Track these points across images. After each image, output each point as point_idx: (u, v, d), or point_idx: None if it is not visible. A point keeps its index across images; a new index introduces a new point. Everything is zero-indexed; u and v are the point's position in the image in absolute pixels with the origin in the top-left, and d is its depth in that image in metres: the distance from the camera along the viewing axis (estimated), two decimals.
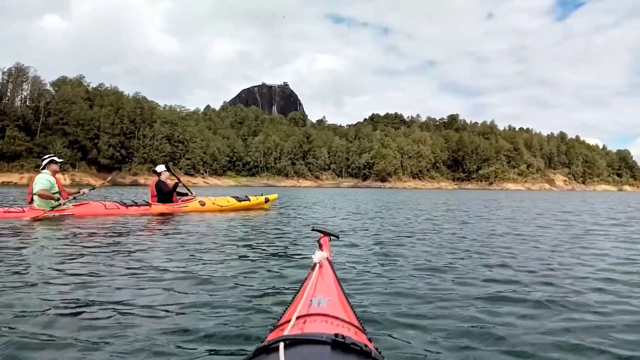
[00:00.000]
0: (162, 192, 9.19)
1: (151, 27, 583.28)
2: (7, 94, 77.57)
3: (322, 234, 1.96)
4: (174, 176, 9.59)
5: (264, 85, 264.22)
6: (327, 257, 1.58)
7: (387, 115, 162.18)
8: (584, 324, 2.31)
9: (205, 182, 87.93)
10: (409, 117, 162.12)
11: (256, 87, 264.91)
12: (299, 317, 1.06)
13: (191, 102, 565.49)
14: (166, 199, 9.20)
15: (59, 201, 7.54)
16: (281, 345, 0.86)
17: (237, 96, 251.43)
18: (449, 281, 3.23)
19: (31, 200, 7.52)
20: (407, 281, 3.21)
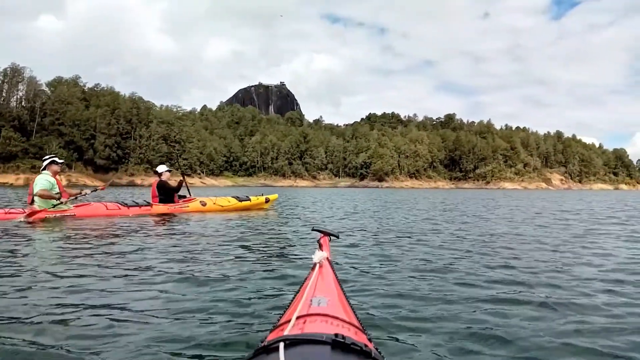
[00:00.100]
0: (166, 191, 9.20)
1: (147, 27, 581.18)
2: (3, 94, 77.22)
3: (322, 234, 1.95)
4: (180, 175, 9.62)
5: (261, 85, 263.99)
6: (327, 257, 1.57)
7: (384, 114, 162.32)
8: (594, 326, 2.23)
9: (202, 182, 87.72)
10: (405, 116, 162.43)
11: (253, 87, 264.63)
12: (299, 317, 1.06)
13: (188, 102, 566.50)
14: (167, 199, 9.20)
15: (60, 200, 7.47)
16: (281, 345, 0.86)
17: (234, 96, 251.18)
18: (450, 282, 3.17)
19: (32, 201, 7.44)
20: (408, 282, 3.16)
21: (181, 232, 5.93)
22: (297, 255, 4.34)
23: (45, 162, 7.65)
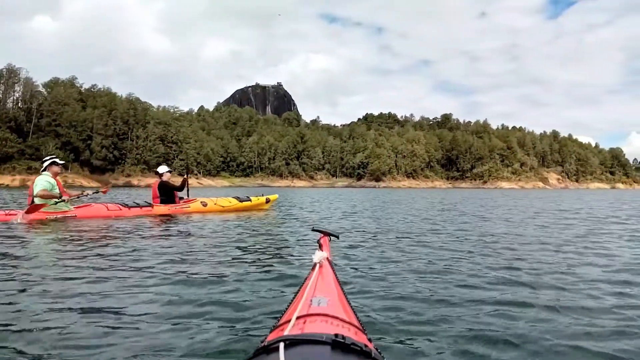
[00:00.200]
0: (167, 192, 9.17)
1: (144, 26, 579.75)
2: None
3: (322, 234, 1.94)
4: (184, 175, 9.66)
5: (258, 85, 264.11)
6: (327, 257, 1.57)
7: (381, 114, 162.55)
8: (604, 329, 2.16)
9: (199, 182, 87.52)
10: (402, 116, 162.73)
11: (250, 87, 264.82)
12: (299, 317, 1.06)
13: (185, 103, 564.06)
14: (168, 200, 9.16)
15: (61, 198, 7.42)
16: (281, 345, 0.86)
17: (231, 97, 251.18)
18: (452, 283, 3.10)
19: (32, 202, 7.35)
20: (409, 283, 3.10)
21: (181, 234, 5.89)
22: (296, 255, 4.29)
23: (45, 163, 7.59)
